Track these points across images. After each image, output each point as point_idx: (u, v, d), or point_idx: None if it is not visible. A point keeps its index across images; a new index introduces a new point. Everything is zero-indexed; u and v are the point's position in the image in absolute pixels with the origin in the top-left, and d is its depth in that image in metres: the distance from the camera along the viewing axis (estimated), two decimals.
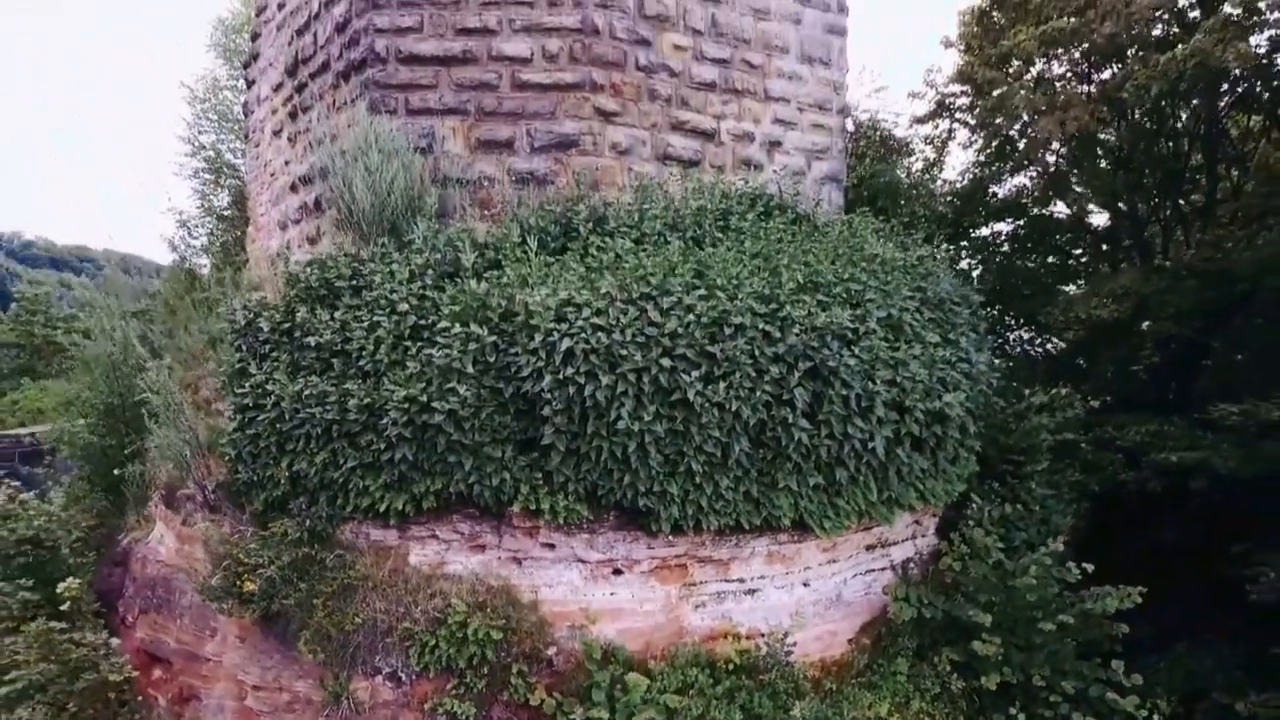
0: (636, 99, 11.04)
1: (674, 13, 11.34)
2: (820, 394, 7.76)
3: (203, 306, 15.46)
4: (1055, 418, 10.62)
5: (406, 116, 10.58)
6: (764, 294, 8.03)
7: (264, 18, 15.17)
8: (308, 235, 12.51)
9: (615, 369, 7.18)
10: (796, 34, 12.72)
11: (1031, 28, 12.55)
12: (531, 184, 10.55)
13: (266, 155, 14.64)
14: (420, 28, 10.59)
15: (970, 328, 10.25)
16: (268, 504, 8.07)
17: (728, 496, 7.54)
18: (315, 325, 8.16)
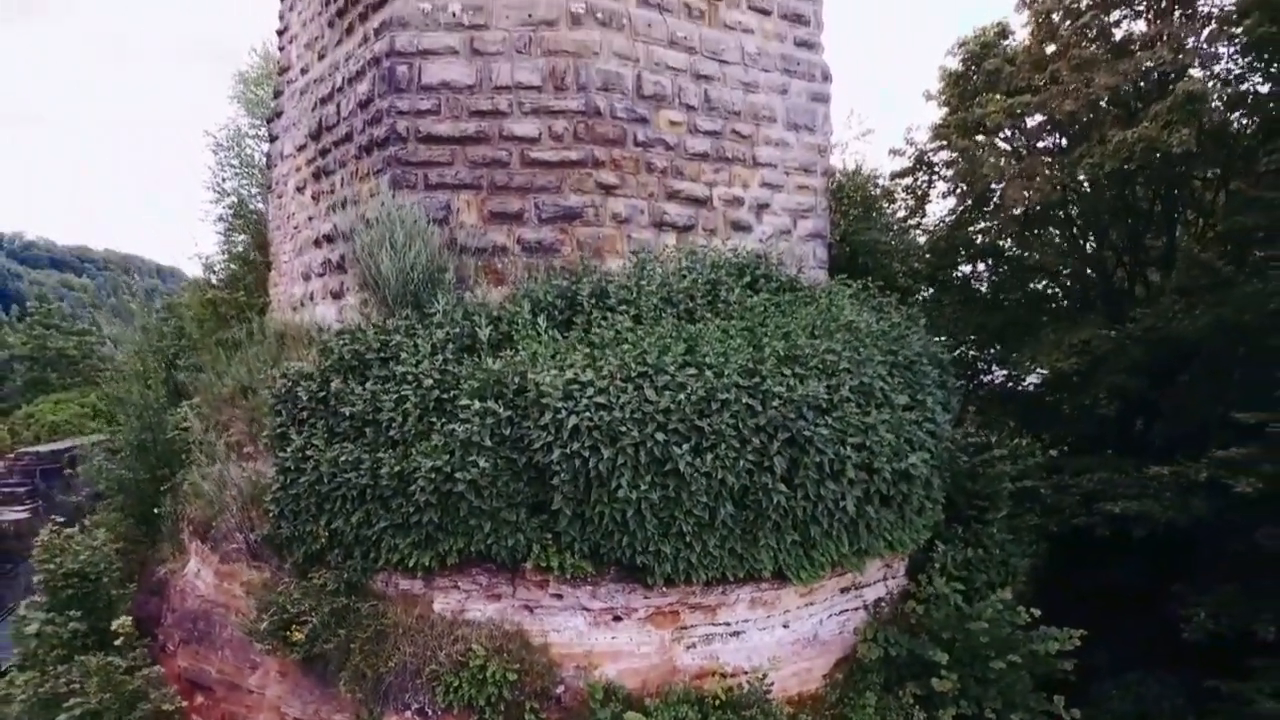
0: (635, 171, 12.06)
1: (669, 91, 12.36)
2: (797, 460, 8.78)
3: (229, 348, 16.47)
4: (1017, 465, 11.64)
5: (425, 191, 11.59)
6: (748, 367, 9.06)
7: (287, 78, 16.19)
8: (331, 290, 13.52)
9: (615, 443, 8.20)
10: (783, 103, 13.74)
11: (1001, 98, 13.57)
12: (539, 252, 11.58)
13: (290, 208, 15.65)
14: (437, 110, 11.60)
15: (938, 385, 11.29)
16: (307, 556, 9.09)
17: (715, 553, 8.56)
18: (348, 396, 9.18)
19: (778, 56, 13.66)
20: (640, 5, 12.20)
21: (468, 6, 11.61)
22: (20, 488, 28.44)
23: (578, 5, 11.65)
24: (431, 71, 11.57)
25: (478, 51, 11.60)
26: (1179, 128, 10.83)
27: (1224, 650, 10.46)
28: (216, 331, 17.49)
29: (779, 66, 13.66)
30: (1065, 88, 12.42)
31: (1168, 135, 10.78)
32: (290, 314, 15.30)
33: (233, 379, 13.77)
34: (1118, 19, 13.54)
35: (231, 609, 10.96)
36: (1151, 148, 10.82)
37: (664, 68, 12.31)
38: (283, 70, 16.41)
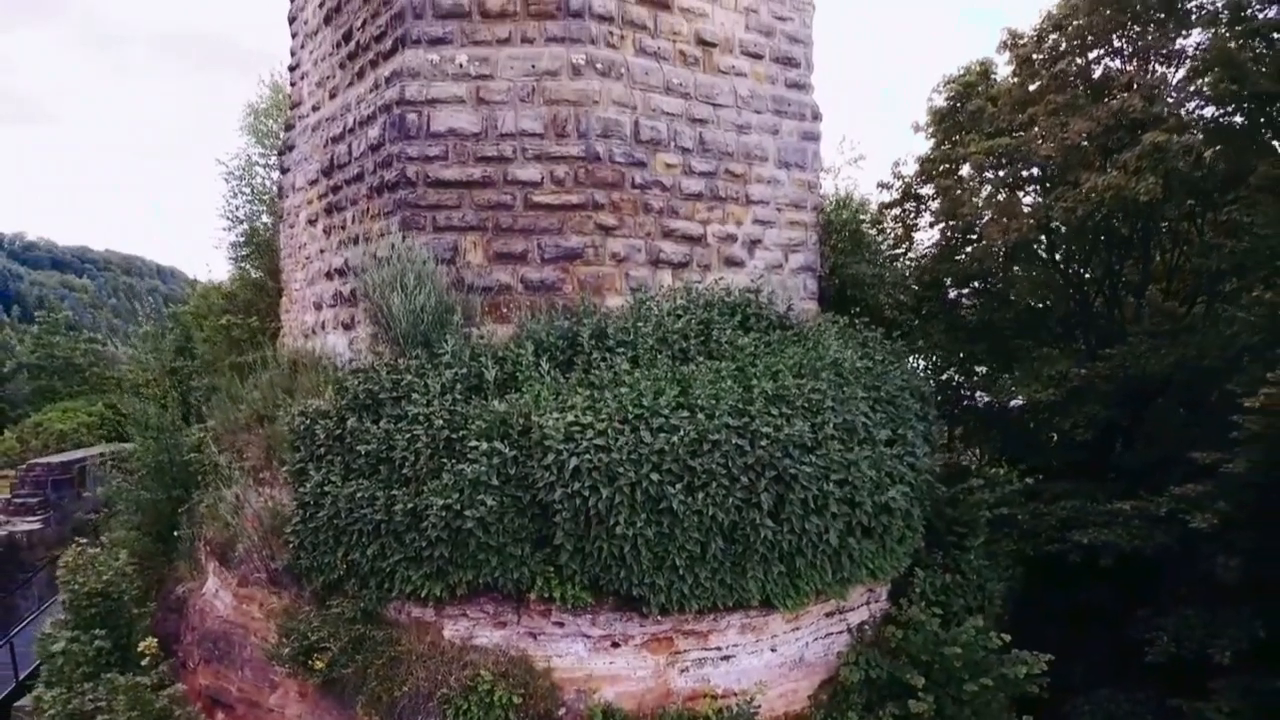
0: (633, 212, 12.68)
1: (666, 135, 12.98)
2: (783, 496, 9.42)
3: (243, 371, 17.09)
4: (995, 492, 12.26)
5: (434, 232, 12.22)
6: (738, 408, 9.69)
7: (298, 112, 16.82)
8: (343, 321, 14.15)
9: (613, 482, 8.83)
10: (775, 143, 14.37)
11: (982, 139, 14.20)
12: (542, 290, 12.20)
13: (301, 238, 16.28)
14: (445, 156, 12.23)
15: (919, 417, 11.93)
16: (325, 585, 9.72)
17: (706, 584, 9.19)
18: (363, 435, 9.81)
19: (769, 98, 14.30)
20: (638, 54, 12.83)
21: (474, 58, 12.24)
22: (32, 498, 29.03)
23: (578, 56, 12.27)
24: (440, 119, 12.20)
25: (483, 100, 12.22)
26: (1146, 175, 11.45)
27: (1187, 670, 11.07)
28: (230, 354, 18.15)
29: (770, 108, 14.30)
30: (1042, 131, 13.06)
31: (1136, 183, 11.40)
32: (302, 341, 15.94)
33: (249, 406, 14.37)
34: (1097, 56, 14.16)
35: (251, 630, 11.59)
36: (1120, 195, 11.45)
37: (660, 113, 12.93)
38: (294, 105, 17.03)
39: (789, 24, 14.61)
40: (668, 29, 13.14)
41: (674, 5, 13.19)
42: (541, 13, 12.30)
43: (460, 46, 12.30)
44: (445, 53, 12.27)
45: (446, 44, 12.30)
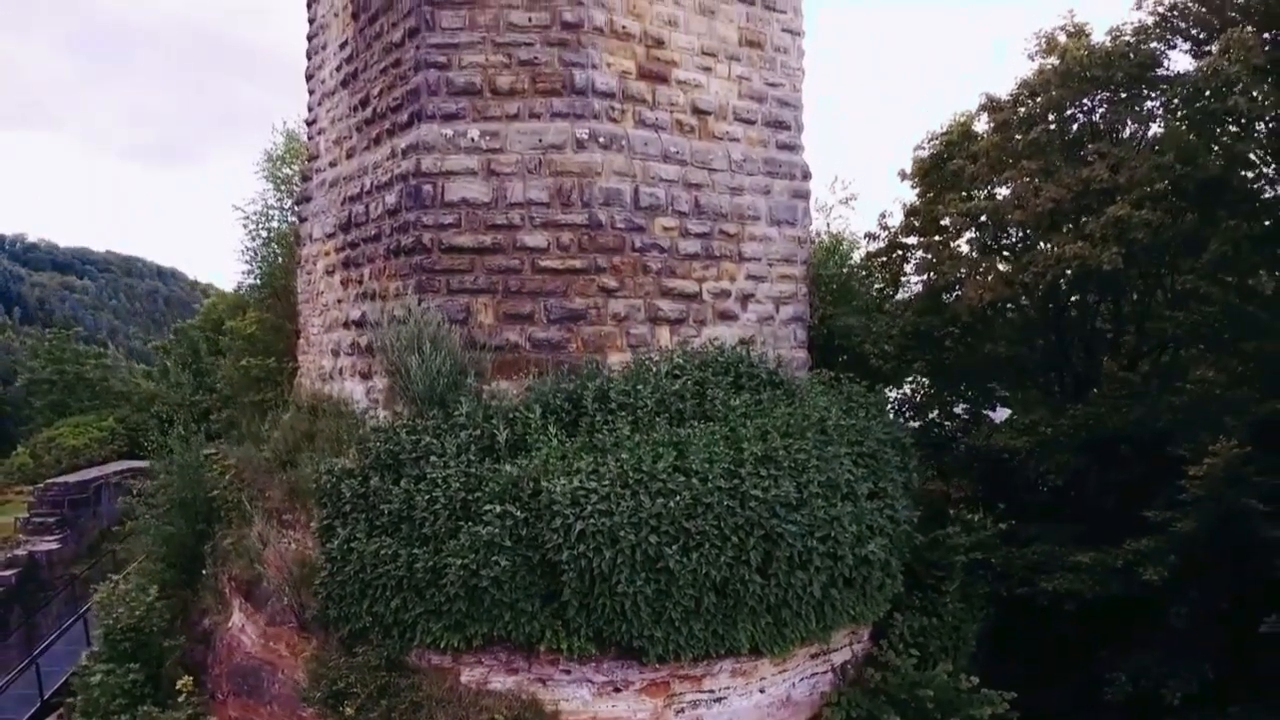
0: (633, 274, 13.57)
1: (664, 200, 13.88)
2: (770, 553, 10.33)
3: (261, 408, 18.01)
4: (972, 536, 13.16)
5: (447, 294, 13.11)
6: (730, 469, 10.61)
7: (316, 165, 17.72)
8: (360, 371, 15.04)
9: (615, 544, 9.74)
10: (766, 202, 15.26)
11: (961, 200, 15.09)
12: (548, 349, 13.10)
13: (319, 286, 17.17)
14: (458, 224, 13.11)
15: (900, 468, 12.84)
16: (352, 633, 10.62)
17: (700, 635, 10.09)
18: (386, 495, 10.71)
19: (761, 161, 15.19)
20: (638, 126, 13.73)
21: (485, 132, 13.14)
22: (50, 518, 29.92)
23: (582, 131, 13.17)
24: (453, 190, 13.09)
25: (494, 172, 13.12)
26: (1110, 245, 12.33)
27: (1144, 709, 11.94)
28: (249, 391, 19.04)
29: (763, 170, 15.19)
30: (1016, 196, 13.94)
31: (1100, 252, 12.28)
32: (320, 384, 16.82)
33: (271, 451, 15.26)
34: (1067, 125, 15.05)
35: (279, 668, 12.49)
36: (1085, 264, 12.34)
37: (659, 180, 13.83)
38: (311, 158, 17.93)
39: (780, 89, 15.51)
40: (666, 100, 14.03)
41: (671, 78, 14.09)
42: (548, 90, 13.19)
43: (472, 121, 13.18)
44: (458, 127, 13.15)
45: (459, 119, 13.18)
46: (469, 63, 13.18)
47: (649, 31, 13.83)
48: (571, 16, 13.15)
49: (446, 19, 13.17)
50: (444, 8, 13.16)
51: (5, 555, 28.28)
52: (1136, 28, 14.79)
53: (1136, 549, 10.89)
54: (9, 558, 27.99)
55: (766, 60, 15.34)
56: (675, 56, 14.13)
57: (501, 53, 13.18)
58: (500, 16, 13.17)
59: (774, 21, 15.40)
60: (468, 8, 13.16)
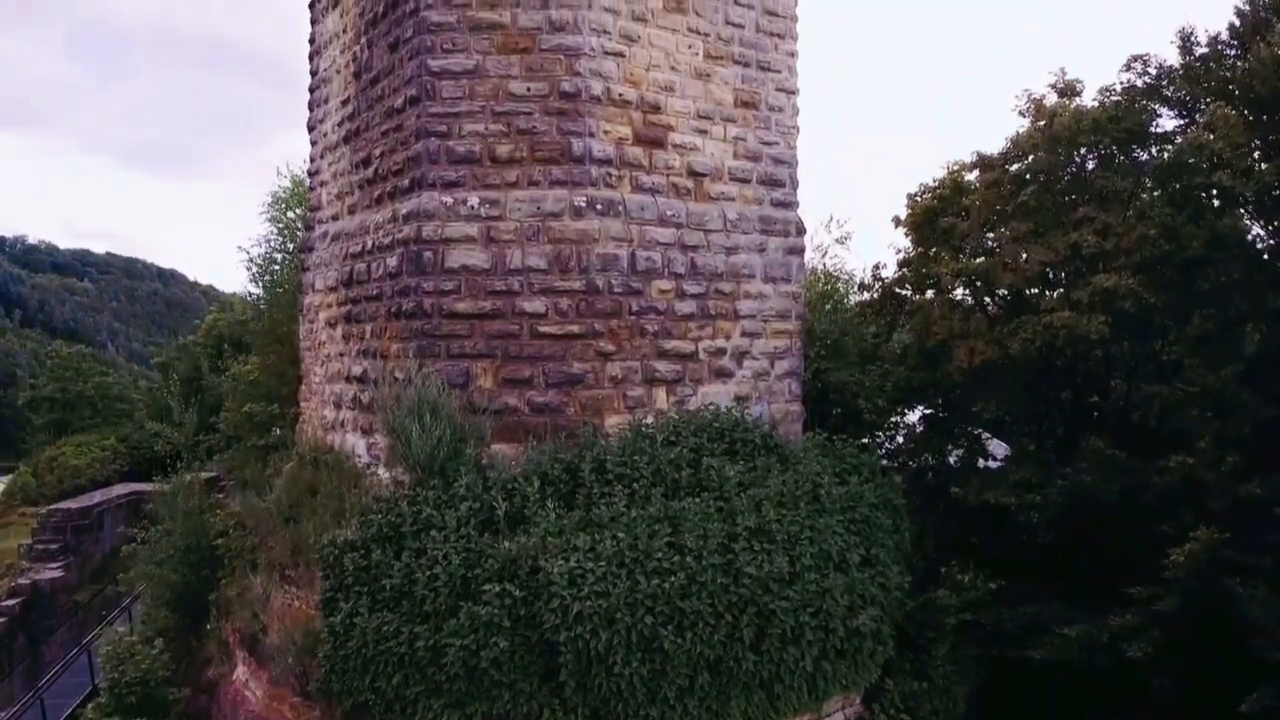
0: (630, 337, 13.81)
1: (660, 264, 14.12)
2: (763, 629, 10.59)
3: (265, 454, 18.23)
4: (962, 596, 13.41)
5: (447, 359, 13.35)
6: (723, 544, 10.87)
7: (318, 216, 17.97)
8: (361, 426, 15.26)
9: (612, 626, 9.99)
10: (761, 260, 15.51)
11: (953, 257, 15.35)
12: (546, 413, 13.34)
13: (320, 336, 17.41)
14: (458, 290, 13.35)
15: (892, 531, 13.10)
16: (355, 705, 10.87)
17: (694, 713, 10.34)
18: (387, 569, 10.96)
19: (756, 219, 15.44)
20: (635, 191, 13.98)
21: (485, 200, 13.38)
22: (53, 544, 30.17)
23: (580, 199, 13.42)
24: (453, 257, 13.33)
25: (493, 239, 13.36)
26: (1096, 314, 12.58)
27: None
28: (252, 435, 19.28)
29: (758, 228, 15.44)
30: (1006, 258, 14.20)
31: (1087, 321, 12.54)
32: (322, 433, 17.06)
33: (274, 503, 15.50)
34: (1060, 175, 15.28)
35: None
36: (1073, 332, 12.58)
37: (655, 244, 14.07)
38: (313, 208, 18.18)
39: (775, 148, 15.76)
40: (662, 164, 14.27)
41: (668, 142, 14.34)
42: (546, 158, 13.44)
43: (472, 189, 13.43)
44: (458, 195, 13.40)
45: (459, 187, 13.43)
46: (469, 131, 13.42)
47: (645, 98, 14.07)
48: (569, 86, 13.39)
49: (447, 89, 13.42)
50: (444, 78, 13.40)
51: (9, 584, 28.53)
52: (1126, 88, 15.04)
53: (1121, 624, 11.13)
54: (13, 586, 28.25)
55: (761, 119, 15.59)
56: (672, 121, 14.38)
57: (501, 122, 13.42)
58: (499, 86, 13.41)
59: (768, 81, 15.65)
60: (467, 78, 13.41)
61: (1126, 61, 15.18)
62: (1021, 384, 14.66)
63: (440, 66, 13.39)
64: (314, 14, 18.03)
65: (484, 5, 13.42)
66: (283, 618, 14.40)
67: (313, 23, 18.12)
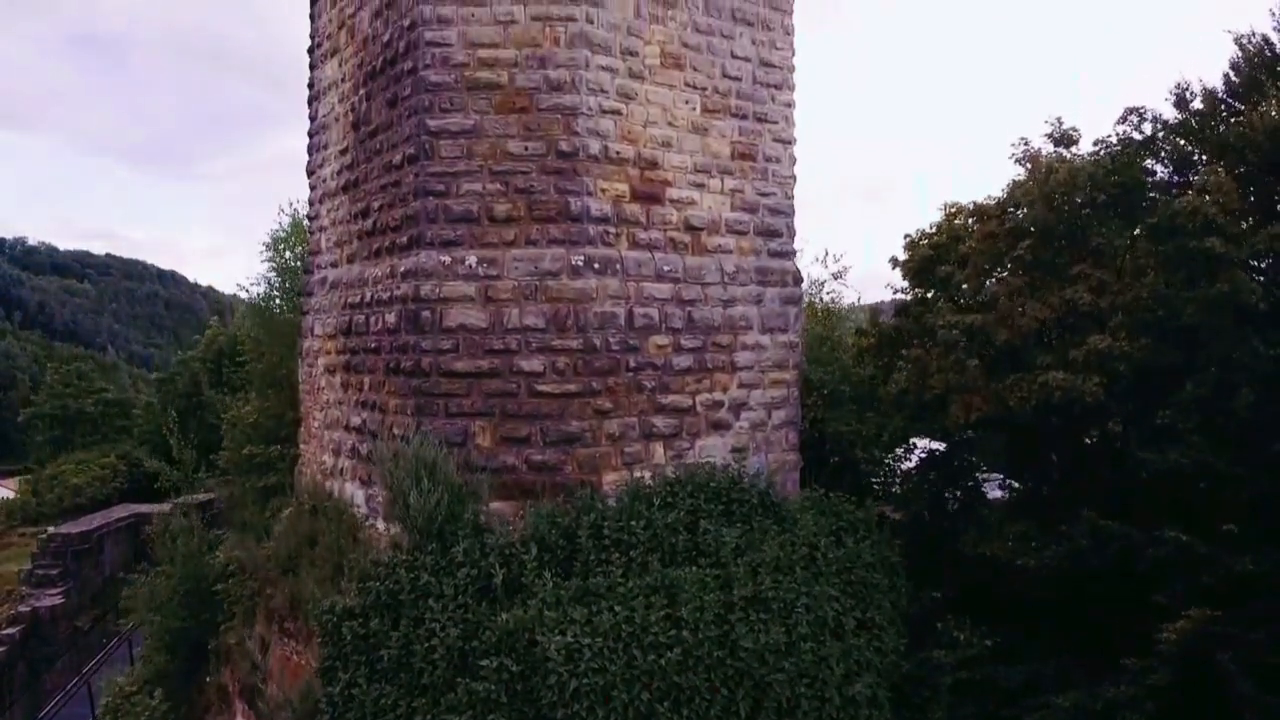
0: (627, 394, 13.87)
1: (657, 320, 14.18)
2: (759, 701, 10.65)
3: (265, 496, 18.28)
4: (958, 653, 13.46)
5: (446, 418, 13.41)
6: (720, 615, 10.94)
7: (317, 261, 18.04)
8: (360, 476, 15.35)
9: (609, 704, 10.06)
10: (758, 311, 15.57)
11: (950, 308, 15.40)
12: (544, 471, 13.40)
13: (319, 381, 17.48)
14: (456, 349, 13.41)
15: (888, 589, 13.17)
16: None
17: None
18: (386, 638, 11.02)
19: (753, 270, 15.51)
20: (632, 247, 14.04)
21: (483, 259, 13.44)
22: (53, 569, 30.23)
23: (577, 258, 13.48)
24: (452, 316, 13.39)
25: (491, 299, 13.42)
26: (1092, 375, 12.64)
27: None
28: (251, 476, 19.35)
29: (755, 279, 15.51)
30: (1002, 313, 14.25)
31: (1082, 382, 12.59)
32: (321, 478, 17.13)
33: (275, 554, 15.58)
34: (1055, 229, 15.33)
35: None
36: (1068, 393, 12.65)
37: (652, 299, 14.13)
38: (313, 253, 18.24)
39: (771, 198, 15.83)
40: (659, 219, 14.33)
41: (665, 197, 14.40)
42: (544, 217, 13.50)
43: (470, 248, 13.49)
44: (457, 254, 13.46)
45: (458, 246, 13.49)
46: (467, 190, 13.48)
47: (643, 154, 14.13)
48: (567, 146, 13.45)
49: (445, 148, 13.47)
50: (442, 137, 13.46)
51: (9, 611, 28.59)
52: (1122, 139, 15.09)
53: (1116, 694, 11.20)
54: (13, 614, 28.31)
55: (758, 171, 15.66)
56: (669, 176, 14.44)
57: (498, 181, 13.48)
58: (497, 146, 13.47)
59: (765, 133, 15.72)
60: (465, 137, 13.46)
61: (1123, 114, 15.24)
62: (1019, 440, 14.71)
63: (438, 126, 13.45)
64: (313, 59, 18.10)
65: (482, 65, 13.48)
66: (282, 672, 14.49)
67: (311, 68, 18.18)
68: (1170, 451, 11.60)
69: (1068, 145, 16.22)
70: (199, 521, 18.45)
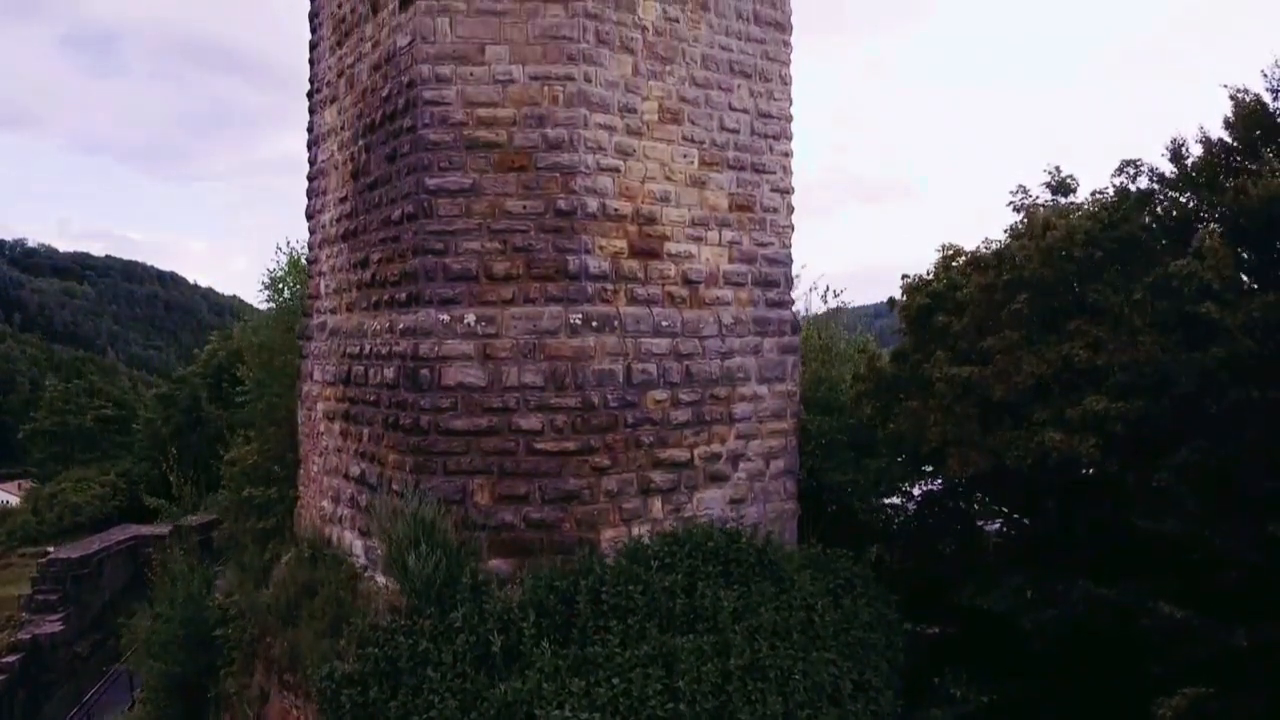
0: (625, 450, 13.92)
1: (655, 375, 14.23)
2: None
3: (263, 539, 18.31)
4: (954, 710, 13.52)
5: (444, 475, 13.46)
6: (718, 684, 11.00)
7: (317, 305, 18.07)
8: (359, 528, 15.38)
9: None
10: (756, 362, 15.62)
11: (946, 359, 15.43)
12: (543, 529, 13.45)
13: (318, 426, 17.52)
14: (455, 407, 13.45)
15: (884, 648, 13.23)
16: None
17: None
18: (384, 709, 11.08)
19: (751, 321, 15.56)
20: (630, 303, 14.08)
21: (481, 317, 13.48)
22: (53, 594, 30.26)
23: (576, 316, 13.52)
24: (450, 374, 13.43)
25: (489, 357, 13.46)
26: (1088, 436, 12.69)
27: None
28: (249, 519, 19.38)
29: (753, 330, 15.56)
30: (998, 368, 14.29)
31: (1078, 442, 12.64)
32: (320, 524, 17.18)
33: (274, 602, 15.61)
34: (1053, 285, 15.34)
35: None
36: (1064, 454, 12.69)
37: (650, 355, 14.17)
38: (312, 296, 18.27)
39: (769, 248, 15.88)
40: (657, 274, 14.38)
41: (663, 252, 14.45)
42: (542, 275, 13.54)
43: (469, 306, 13.52)
44: (455, 312, 13.49)
45: (456, 304, 13.52)
46: (465, 249, 13.51)
47: (641, 210, 14.18)
48: (565, 205, 13.50)
49: (444, 207, 13.51)
50: (441, 196, 13.50)
51: (8, 638, 28.61)
52: (1119, 189, 15.12)
53: None
54: (13, 641, 28.32)
55: (756, 221, 15.71)
56: (667, 230, 14.49)
57: (497, 239, 13.52)
58: (496, 204, 13.51)
59: (763, 183, 15.77)
60: (464, 196, 13.51)
61: (1119, 165, 15.26)
62: (1016, 491, 14.75)
63: (437, 185, 13.49)
64: (312, 104, 18.14)
65: (481, 124, 13.52)
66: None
67: (311, 112, 18.23)
68: (1167, 520, 11.63)
69: (1065, 194, 16.28)
70: (198, 561, 18.49)
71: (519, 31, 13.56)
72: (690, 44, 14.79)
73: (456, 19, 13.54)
